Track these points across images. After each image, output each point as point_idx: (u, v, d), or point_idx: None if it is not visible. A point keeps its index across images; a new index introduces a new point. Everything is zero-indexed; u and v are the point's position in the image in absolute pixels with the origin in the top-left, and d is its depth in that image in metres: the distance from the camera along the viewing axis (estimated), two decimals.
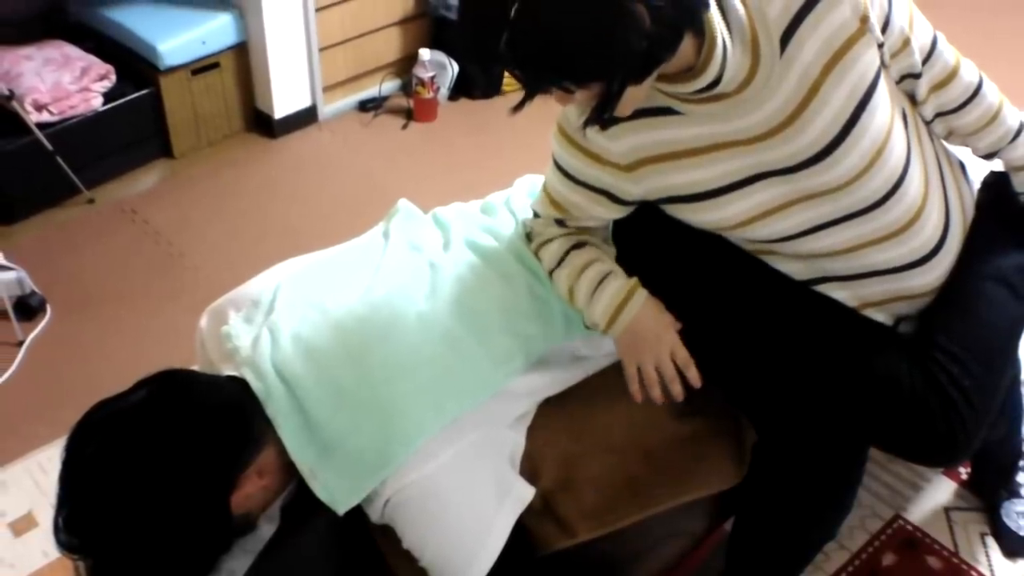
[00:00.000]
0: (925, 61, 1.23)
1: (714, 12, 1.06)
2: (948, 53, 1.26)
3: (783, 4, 1.10)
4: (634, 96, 1.07)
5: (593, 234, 1.36)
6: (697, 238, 1.30)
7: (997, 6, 3.65)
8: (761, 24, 1.10)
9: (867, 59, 1.13)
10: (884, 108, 1.16)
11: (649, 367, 1.27)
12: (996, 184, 1.39)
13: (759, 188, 1.19)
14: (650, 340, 1.27)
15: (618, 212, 1.31)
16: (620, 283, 1.29)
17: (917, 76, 1.23)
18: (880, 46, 1.15)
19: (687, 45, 1.05)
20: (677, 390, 1.27)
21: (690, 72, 1.09)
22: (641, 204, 1.30)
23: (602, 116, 1.07)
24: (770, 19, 1.10)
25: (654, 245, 1.34)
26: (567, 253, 1.32)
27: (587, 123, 1.11)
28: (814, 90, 1.12)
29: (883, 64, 1.17)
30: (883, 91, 1.17)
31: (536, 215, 1.38)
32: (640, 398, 1.29)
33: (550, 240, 1.34)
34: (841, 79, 1.12)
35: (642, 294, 1.29)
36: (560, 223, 1.35)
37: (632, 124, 1.19)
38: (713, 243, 1.31)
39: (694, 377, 1.27)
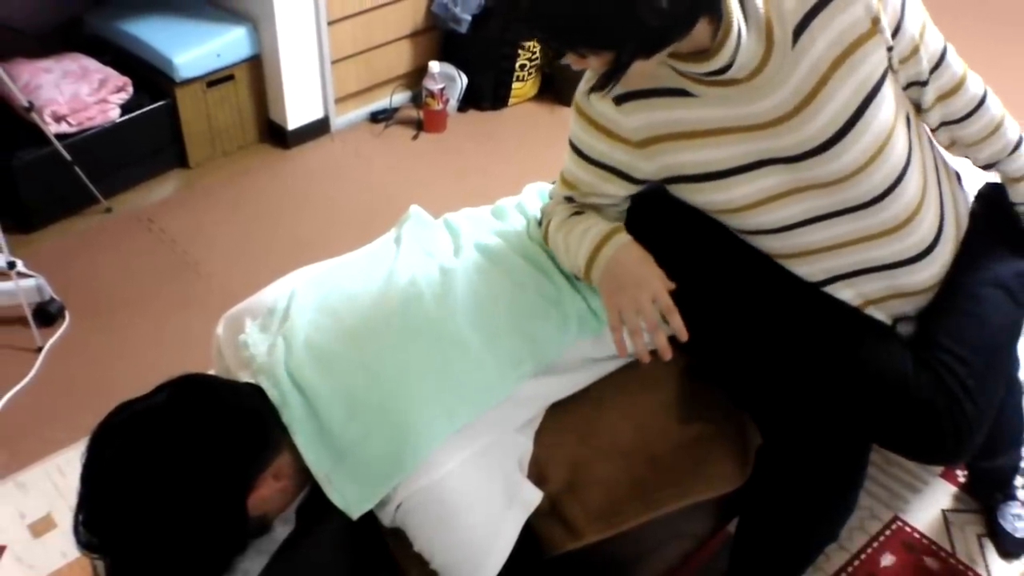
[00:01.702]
0: (933, 70, 1.25)
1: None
2: (956, 64, 1.28)
3: None
4: (641, 71, 1.09)
5: (601, 212, 1.37)
6: (709, 237, 1.33)
7: (1004, 18, 3.67)
8: (776, 15, 1.13)
9: (875, 59, 1.16)
10: (888, 108, 1.19)
11: (630, 312, 1.22)
12: (991, 195, 1.42)
13: (763, 174, 1.21)
14: (629, 285, 1.23)
15: (627, 190, 1.32)
16: (603, 226, 1.28)
17: (923, 84, 1.25)
18: (889, 49, 1.17)
19: (703, 27, 1.08)
20: (661, 340, 1.22)
21: (705, 54, 1.12)
22: (651, 191, 1.32)
23: (608, 83, 1.09)
24: (785, 11, 1.13)
25: (665, 245, 1.34)
26: (568, 218, 1.34)
27: (593, 89, 1.13)
28: (822, 83, 1.15)
29: (891, 68, 1.19)
30: (888, 91, 1.19)
31: (551, 199, 1.41)
32: (623, 351, 1.24)
33: (556, 214, 1.36)
34: (849, 75, 1.15)
35: (623, 236, 1.27)
36: (570, 200, 1.37)
37: (647, 102, 1.21)
38: (724, 243, 1.33)
39: (679, 327, 1.22)
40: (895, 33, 1.17)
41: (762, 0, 1.13)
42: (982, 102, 1.31)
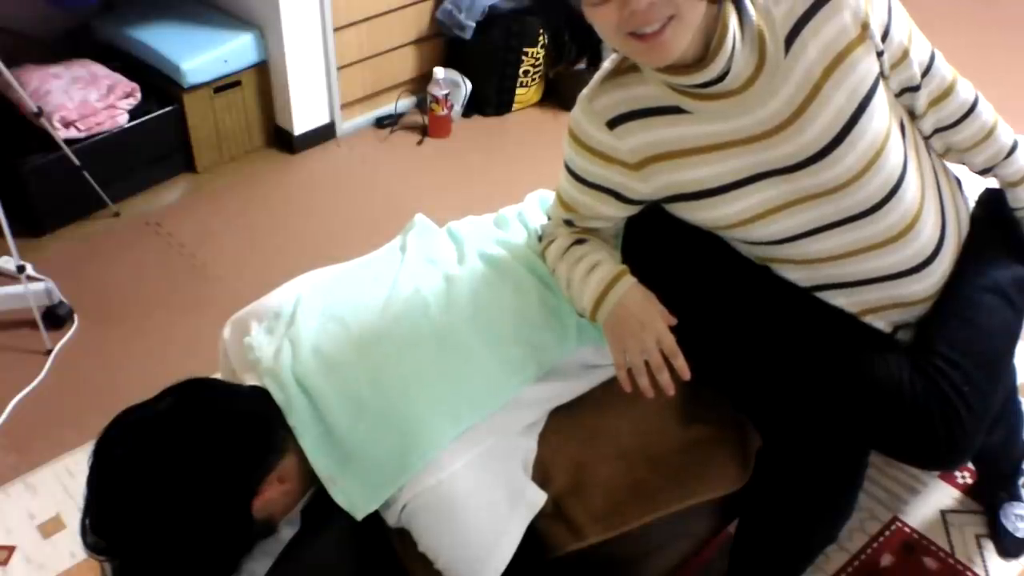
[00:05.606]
0: (923, 75, 1.25)
1: (729, 6, 1.11)
2: (945, 69, 1.28)
3: (788, 6, 1.14)
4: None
5: (599, 234, 1.38)
6: (703, 247, 1.33)
7: (991, 22, 3.68)
8: (768, 24, 1.14)
9: (866, 64, 1.17)
10: (882, 114, 1.19)
11: (635, 354, 1.24)
12: (991, 200, 1.42)
13: (760, 187, 1.21)
14: (634, 326, 1.24)
15: (625, 211, 1.33)
16: (608, 268, 1.29)
17: (916, 89, 1.25)
18: (880, 54, 1.18)
19: (699, 30, 1.09)
20: (665, 379, 1.22)
21: (700, 63, 1.13)
22: (648, 207, 1.32)
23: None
24: (776, 20, 1.14)
25: (661, 254, 1.36)
26: (569, 248, 1.34)
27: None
28: (815, 90, 1.15)
29: (883, 74, 1.20)
30: (881, 98, 1.20)
31: (549, 218, 1.42)
32: (629, 387, 1.25)
33: (557, 239, 1.37)
34: (841, 81, 1.16)
35: (628, 280, 1.28)
36: (569, 223, 1.37)
37: (640, 123, 1.22)
38: (718, 252, 1.33)
39: (682, 367, 1.22)
40: (884, 37, 1.18)
41: (754, 9, 1.14)
42: (973, 107, 1.31)
